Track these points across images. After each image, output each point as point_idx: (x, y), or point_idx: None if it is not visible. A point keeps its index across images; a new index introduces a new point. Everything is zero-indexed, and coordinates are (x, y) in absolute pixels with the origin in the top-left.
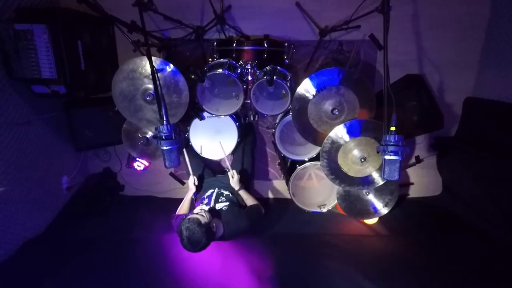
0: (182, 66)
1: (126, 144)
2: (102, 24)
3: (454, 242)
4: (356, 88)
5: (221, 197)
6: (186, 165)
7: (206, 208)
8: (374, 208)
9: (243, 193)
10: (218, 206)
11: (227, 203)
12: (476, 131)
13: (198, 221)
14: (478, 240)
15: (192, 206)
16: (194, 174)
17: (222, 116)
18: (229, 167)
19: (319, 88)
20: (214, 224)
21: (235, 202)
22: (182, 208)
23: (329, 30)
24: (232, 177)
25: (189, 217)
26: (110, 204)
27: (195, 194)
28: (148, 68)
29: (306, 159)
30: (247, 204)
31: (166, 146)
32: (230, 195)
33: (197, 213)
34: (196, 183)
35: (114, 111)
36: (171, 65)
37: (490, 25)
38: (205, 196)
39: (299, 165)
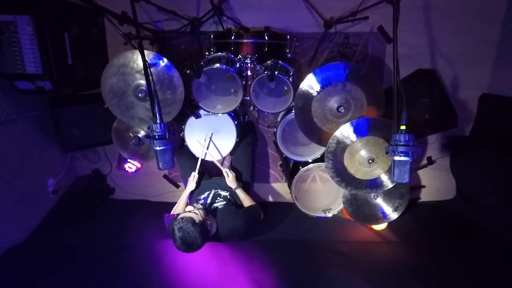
0: (177, 60)
1: (116, 144)
2: (91, 15)
3: (469, 249)
4: (364, 84)
5: (218, 197)
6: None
7: (201, 206)
8: (383, 212)
9: (240, 192)
10: (215, 205)
11: (224, 202)
12: (492, 130)
13: (192, 220)
14: (494, 246)
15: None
16: (189, 175)
17: (220, 114)
18: (221, 166)
19: (324, 84)
20: (209, 222)
21: (233, 201)
22: (178, 208)
23: (335, 22)
24: (227, 176)
25: (181, 216)
26: (99, 209)
27: (190, 195)
28: (140, 63)
29: (310, 160)
30: (244, 205)
31: (160, 147)
32: (228, 196)
33: (189, 211)
34: (197, 178)
35: (104, 108)
36: (165, 59)
37: (508, 15)
38: (201, 197)
39: (302, 167)
